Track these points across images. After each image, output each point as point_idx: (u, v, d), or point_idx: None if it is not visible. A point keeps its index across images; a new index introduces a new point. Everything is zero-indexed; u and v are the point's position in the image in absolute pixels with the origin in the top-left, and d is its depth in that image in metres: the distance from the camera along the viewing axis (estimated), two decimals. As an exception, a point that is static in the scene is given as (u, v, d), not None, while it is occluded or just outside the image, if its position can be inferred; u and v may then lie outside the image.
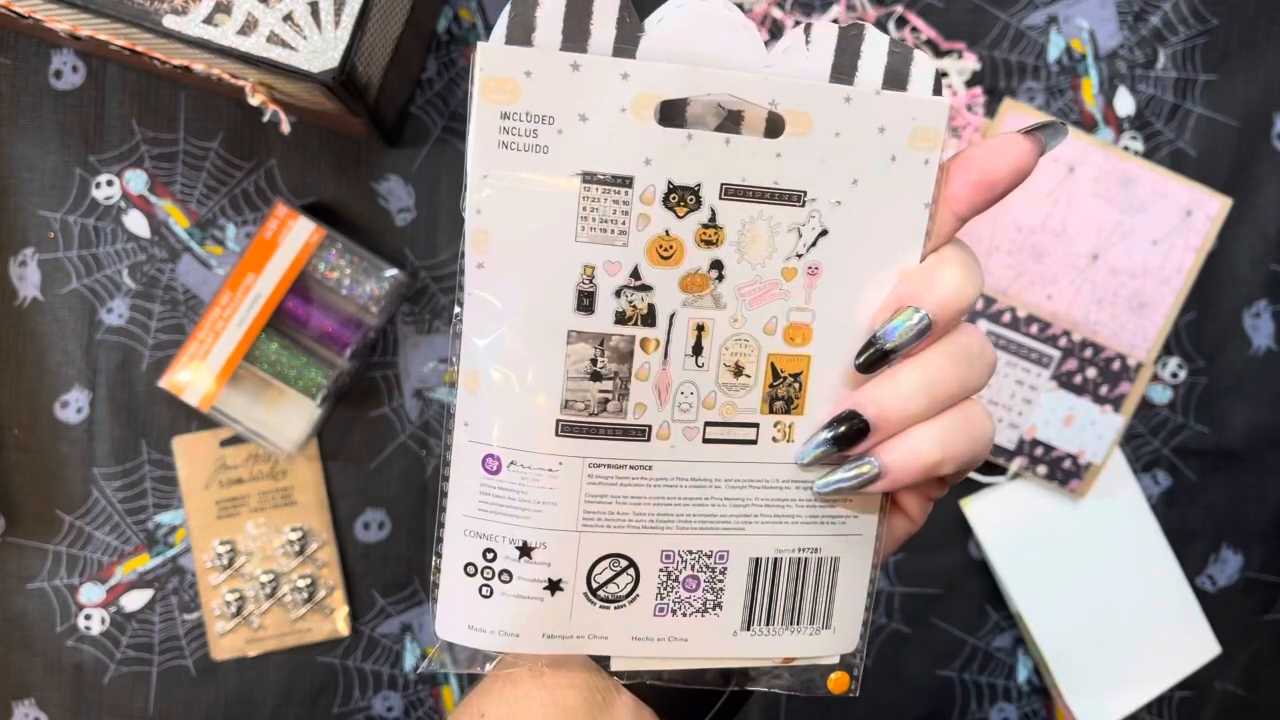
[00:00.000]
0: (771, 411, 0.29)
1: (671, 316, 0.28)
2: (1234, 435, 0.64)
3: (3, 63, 0.57)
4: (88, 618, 0.59)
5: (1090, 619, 0.63)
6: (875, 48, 0.27)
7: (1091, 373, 0.61)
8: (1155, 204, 0.61)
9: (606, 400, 0.28)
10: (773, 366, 0.29)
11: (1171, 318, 0.61)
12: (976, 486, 0.63)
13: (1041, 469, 0.62)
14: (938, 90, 0.28)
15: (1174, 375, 0.64)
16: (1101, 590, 0.63)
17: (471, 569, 0.29)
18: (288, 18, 0.43)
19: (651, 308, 0.28)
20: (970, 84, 0.61)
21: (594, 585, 0.29)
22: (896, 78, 0.27)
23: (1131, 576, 0.63)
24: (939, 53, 0.61)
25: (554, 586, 0.29)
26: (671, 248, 0.27)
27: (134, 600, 0.59)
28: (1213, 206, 0.61)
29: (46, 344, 0.58)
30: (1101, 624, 0.63)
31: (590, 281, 0.27)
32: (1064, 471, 0.62)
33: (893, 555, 0.33)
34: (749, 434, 0.29)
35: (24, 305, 0.58)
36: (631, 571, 0.29)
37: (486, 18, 0.59)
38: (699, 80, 0.26)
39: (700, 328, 0.28)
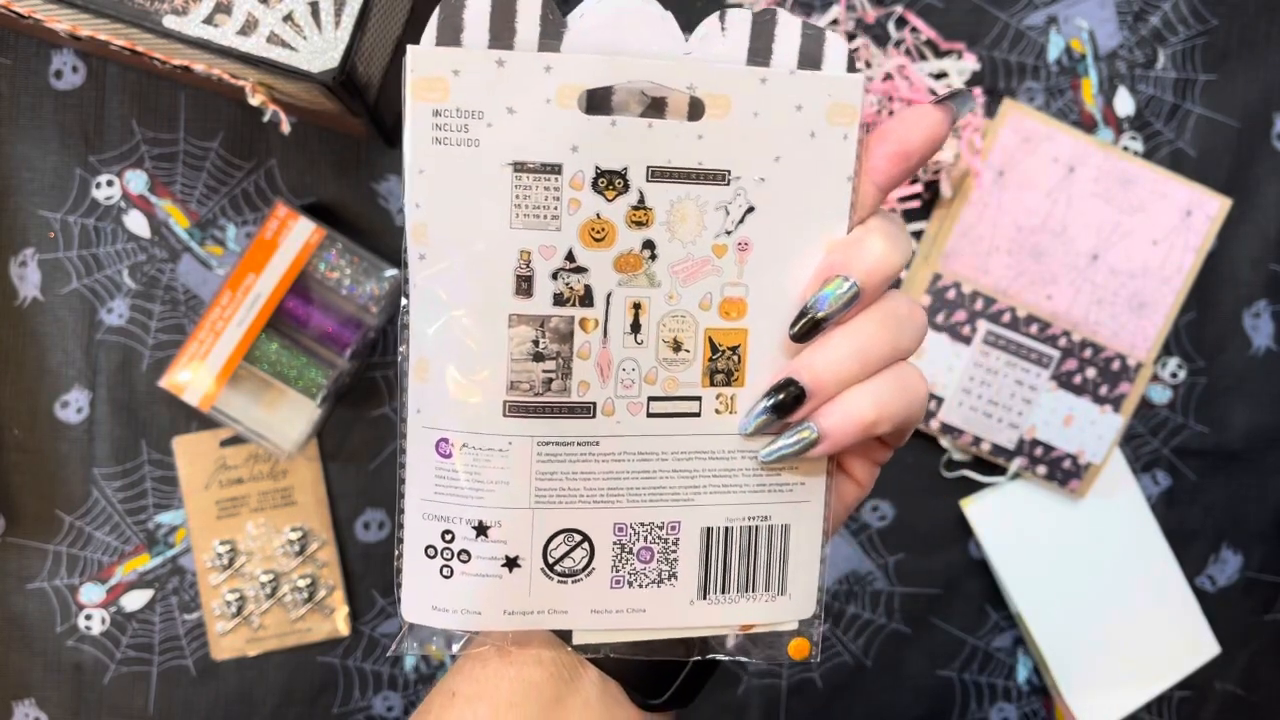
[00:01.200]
0: (713, 384, 0.30)
1: (609, 296, 0.29)
2: (1234, 435, 0.64)
3: (3, 63, 0.57)
4: (88, 618, 0.59)
5: (1090, 619, 0.63)
6: (788, 31, 0.28)
7: (1091, 373, 0.61)
8: (1155, 204, 0.61)
9: (550, 379, 0.29)
10: (710, 341, 0.30)
11: (1171, 318, 0.61)
12: (976, 486, 0.63)
13: (1041, 469, 0.62)
14: (852, 67, 0.29)
15: (1174, 375, 0.64)
16: (1101, 590, 0.63)
17: (431, 551, 0.30)
18: (288, 18, 0.43)
19: (588, 288, 0.29)
20: (970, 84, 0.61)
21: (550, 560, 0.30)
22: (810, 58, 0.28)
23: (1131, 576, 0.63)
24: (939, 53, 0.61)
25: (511, 563, 0.30)
26: (604, 230, 0.28)
27: (134, 600, 0.59)
28: (1213, 206, 0.61)
29: (46, 344, 0.58)
30: (1101, 624, 0.63)
31: (527, 266, 0.28)
32: (1064, 471, 0.62)
33: (844, 520, 0.33)
34: (692, 407, 0.30)
35: (24, 305, 0.58)
36: (586, 546, 0.30)
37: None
38: (618, 69, 0.27)
39: (637, 306, 0.29)
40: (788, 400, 0.29)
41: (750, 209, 0.29)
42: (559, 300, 0.28)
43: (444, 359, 0.28)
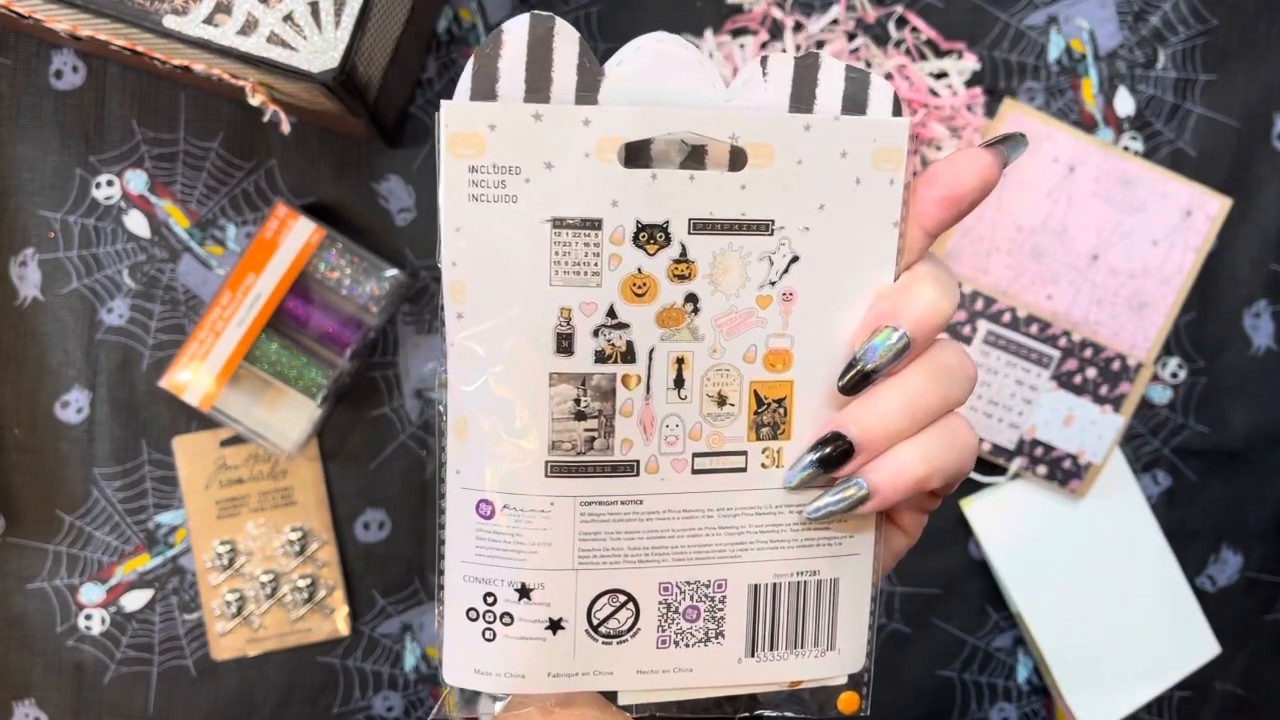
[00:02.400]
0: (759, 438, 0.29)
1: (650, 352, 0.28)
2: (1234, 435, 0.64)
3: (3, 63, 0.57)
4: (88, 618, 0.59)
5: (1090, 619, 0.63)
6: (832, 75, 0.27)
7: (1091, 373, 0.61)
8: (1155, 204, 0.61)
9: (593, 438, 0.28)
10: (755, 394, 0.29)
11: (1171, 318, 0.61)
12: (976, 486, 0.63)
13: (1041, 469, 0.62)
14: (898, 111, 0.28)
15: (1174, 375, 0.64)
16: (1101, 590, 0.63)
17: (473, 613, 0.29)
18: (288, 18, 0.43)
19: (630, 344, 0.28)
20: (970, 84, 0.61)
21: (594, 622, 0.29)
22: (855, 102, 0.28)
23: (1131, 576, 0.63)
24: (939, 53, 0.61)
25: (555, 626, 0.29)
26: (645, 285, 0.28)
27: (134, 600, 0.59)
28: (1213, 206, 0.61)
29: (46, 344, 0.58)
30: (1101, 624, 0.63)
31: (568, 323, 0.28)
32: (1064, 471, 0.62)
33: (891, 568, 0.33)
34: (738, 462, 0.29)
35: (24, 305, 0.58)
36: (631, 606, 0.30)
37: (486, 18, 0.59)
38: (658, 120, 0.27)
39: (680, 361, 0.28)
40: (835, 454, 0.28)
41: (795, 258, 0.28)
42: (600, 358, 0.28)
43: (483, 418, 0.28)
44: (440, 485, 0.29)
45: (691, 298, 0.28)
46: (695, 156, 0.28)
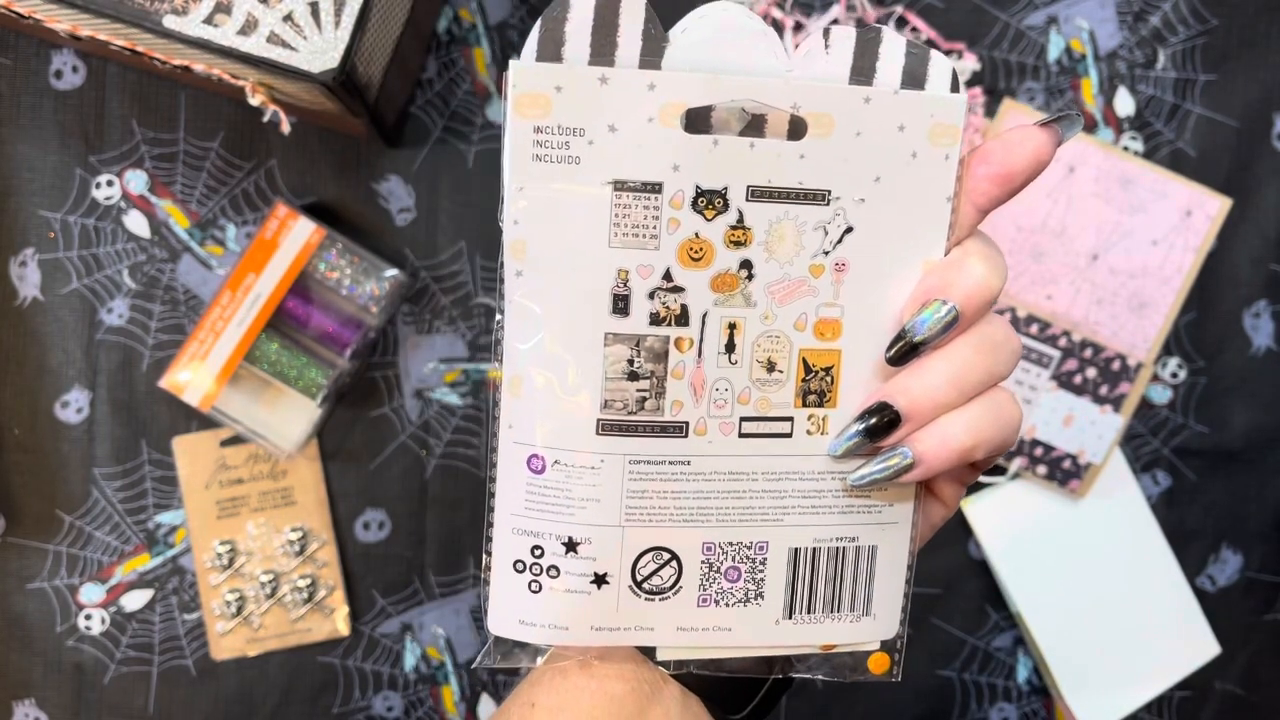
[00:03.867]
0: (805, 405, 0.30)
1: (704, 316, 0.29)
2: (1234, 435, 0.64)
3: (3, 63, 0.57)
4: (88, 618, 0.59)
5: (1090, 619, 0.63)
6: (893, 49, 0.28)
7: (1091, 373, 0.61)
8: (1155, 204, 0.61)
9: (644, 399, 0.29)
10: (804, 361, 0.30)
11: (1171, 318, 0.61)
12: (976, 486, 0.63)
13: (1041, 469, 0.62)
14: (955, 88, 0.28)
15: (1174, 375, 0.64)
16: (1101, 590, 0.63)
17: (520, 565, 0.30)
18: (288, 18, 0.43)
19: (684, 308, 0.29)
20: (970, 84, 0.61)
21: (638, 578, 0.30)
22: (914, 77, 0.28)
23: (1131, 576, 0.63)
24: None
25: (600, 580, 0.30)
26: (702, 249, 0.28)
27: (134, 600, 0.59)
28: (1213, 206, 0.61)
29: (46, 344, 0.58)
30: (1101, 624, 0.63)
31: (624, 285, 0.28)
32: (1064, 471, 0.62)
33: (929, 539, 0.33)
34: (784, 428, 0.30)
35: (24, 305, 0.58)
36: (674, 564, 0.30)
37: (487, 18, 0.59)
38: (722, 88, 0.27)
39: (732, 326, 0.29)
40: (881, 424, 0.29)
41: (849, 229, 0.29)
42: (655, 320, 0.28)
43: (537, 375, 0.28)
44: (492, 440, 0.29)
45: (746, 264, 0.28)
46: (755, 124, 0.28)
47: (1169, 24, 0.62)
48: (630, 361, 0.28)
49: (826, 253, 0.29)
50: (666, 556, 0.30)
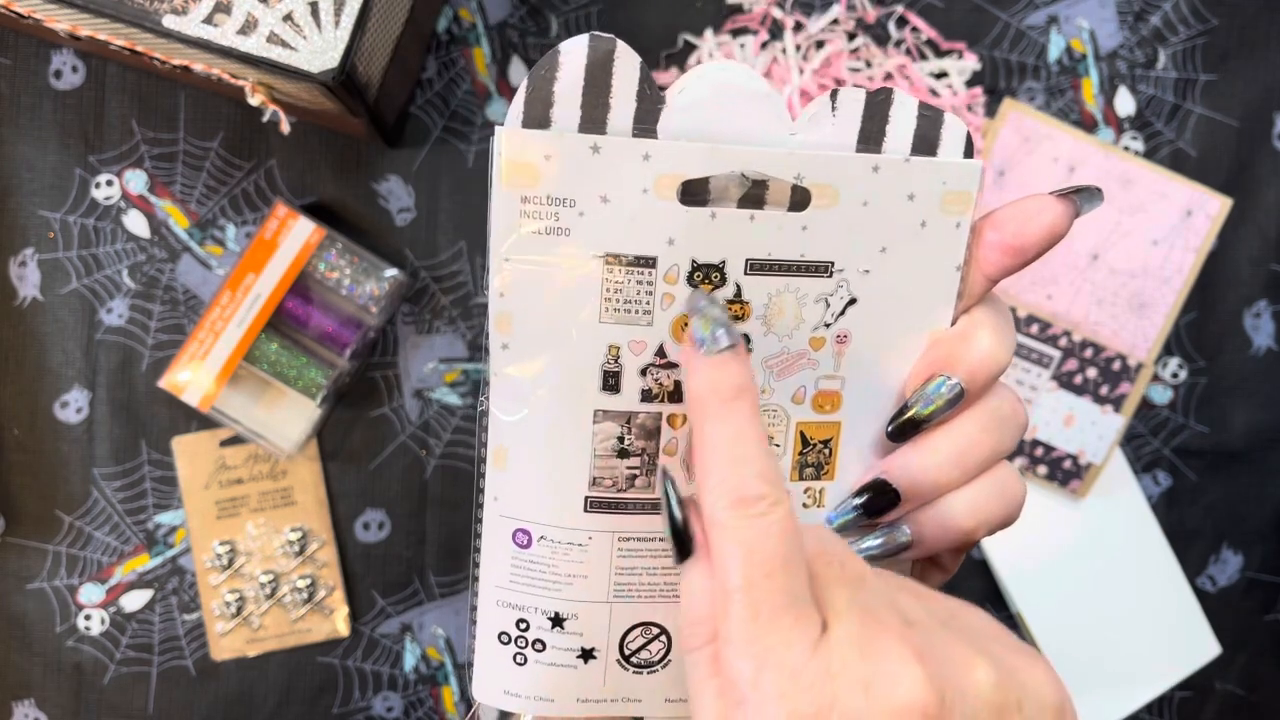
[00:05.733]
0: (801, 478, 0.29)
1: None
2: (1234, 435, 0.64)
3: (3, 63, 0.57)
4: (87, 618, 0.59)
5: (1090, 619, 0.63)
6: (904, 112, 0.26)
7: (1092, 373, 0.61)
8: (1155, 204, 0.61)
9: (635, 476, 0.28)
10: (802, 434, 0.29)
11: (1172, 318, 0.61)
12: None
13: (1042, 469, 0.62)
14: (969, 152, 0.27)
15: (1174, 375, 0.64)
16: (1101, 590, 0.63)
17: (505, 637, 0.29)
18: (288, 18, 0.43)
19: (678, 384, 0.27)
20: (970, 84, 0.61)
21: (626, 653, 0.29)
22: (926, 142, 0.27)
23: (1131, 576, 0.63)
24: (939, 53, 0.61)
25: (587, 655, 0.29)
26: None
27: (134, 600, 0.59)
28: (1213, 206, 0.61)
29: (46, 344, 0.58)
30: (1101, 624, 0.63)
31: (615, 361, 0.27)
32: (1064, 472, 0.62)
33: None
34: None
35: (24, 305, 0.58)
36: (663, 638, 0.29)
37: (486, 18, 0.59)
38: (721, 159, 0.26)
39: None
40: (879, 503, 0.28)
41: (852, 301, 0.27)
42: (647, 397, 0.27)
43: (524, 450, 0.28)
44: (477, 510, 0.29)
45: (744, 338, 0.27)
46: (756, 189, 0.27)
47: (1169, 24, 0.62)
48: (621, 439, 0.27)
49: (828, 325, 0.28)
50: (656, 631, 0.29)
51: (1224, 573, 0.65)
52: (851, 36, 0.61)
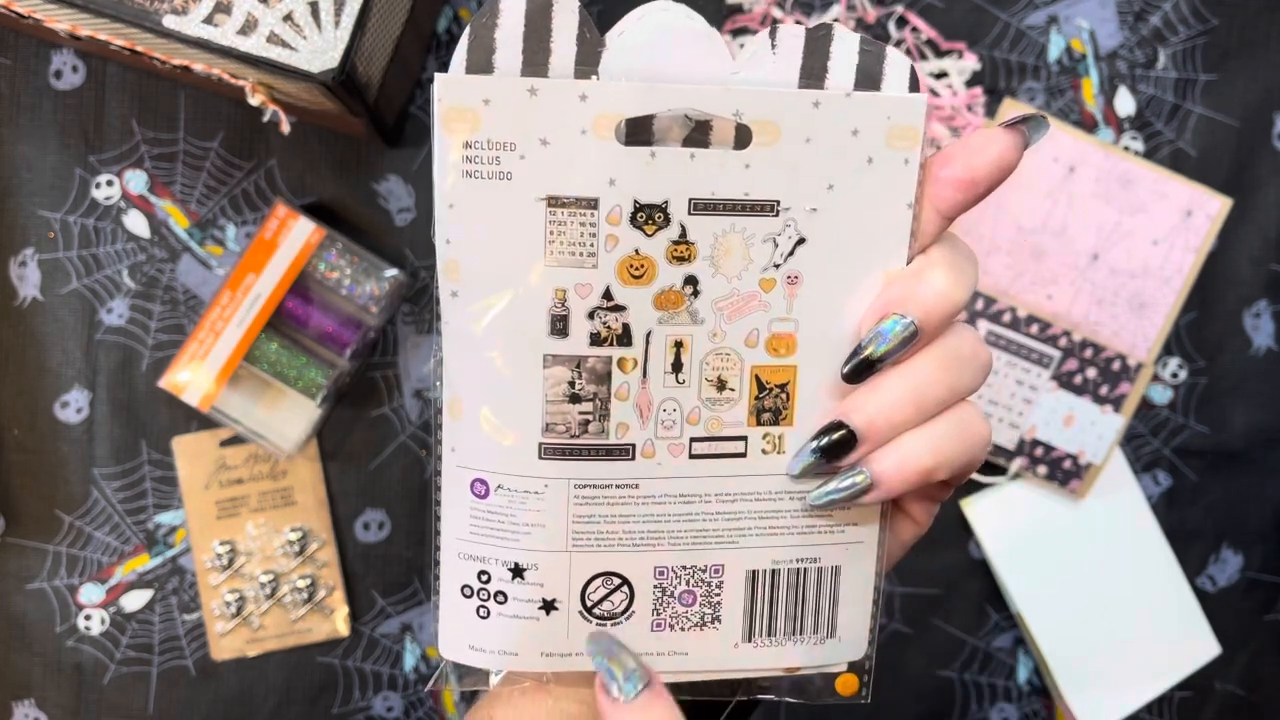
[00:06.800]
0: (759, 423, 0.29)
1: (648, 335, 0.28)
2: (1234, 435, 0.64)
3: (3, 63, 0.57)
4: (87, 618, 0.59)
5: (1090, 619, 0.63)
6: (845, 48, 0.26)
7: (1092, 373, 0.61)
8: (1155, 204, 0.61)
9: (587, 421, 0.28)
10: (757, 378, 0.28)
11: (1172, 318, 0.61)
12: (977, 487, 0.63)
13: (1042, 469, 0.62)
14: (914, 86, 0.27)
15: (1174, 375, 0.64)
16: (1101, 590, 0.63)
17: (468, 590, 0.29)
18: (288, 18, 0.43)
19: (626, 327, 0.27)
20: (970, 84, 0.61)
21: (588, 604, 0.29)
22: (869, 77, 0.27)
23: (1131, 576, 0.63)
24: (939, 53, 0.61)
25: (549, 606, 0.29)
26: (643, 266, 0.27)
27: (134, 600, 0.59)
28: (1213, 206, 0.61)
29: (46, 344, 0.58)
30: (1101, 624, 0.63)
31: (562, 305, 0.27)
32: (1064, 472, 0.62)
33: (900, 558, 0.33)
34: (737, 447, 0.29)
35: (24, 305, 0.58)
36: (625, 589, 0.29)
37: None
38: (659, 97, 0.26)
39: (679, 344, 0.28)
40: (837, 444, 0.27)
41: (801, 240, 0.27)
42: (596, 340, 0.27)
43: (477, 398, 0.28)
44: (437, 462, 0.29)
45: (691, 280, 0.27)
46: (700, 132, 0.27)
47: (1169, 24, 0.62)
48: (571, 384, 0.27)
49: (778, 265, 0.27)
50: (617, 582, 0.29)
51: (1224, 573, 0.65)
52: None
